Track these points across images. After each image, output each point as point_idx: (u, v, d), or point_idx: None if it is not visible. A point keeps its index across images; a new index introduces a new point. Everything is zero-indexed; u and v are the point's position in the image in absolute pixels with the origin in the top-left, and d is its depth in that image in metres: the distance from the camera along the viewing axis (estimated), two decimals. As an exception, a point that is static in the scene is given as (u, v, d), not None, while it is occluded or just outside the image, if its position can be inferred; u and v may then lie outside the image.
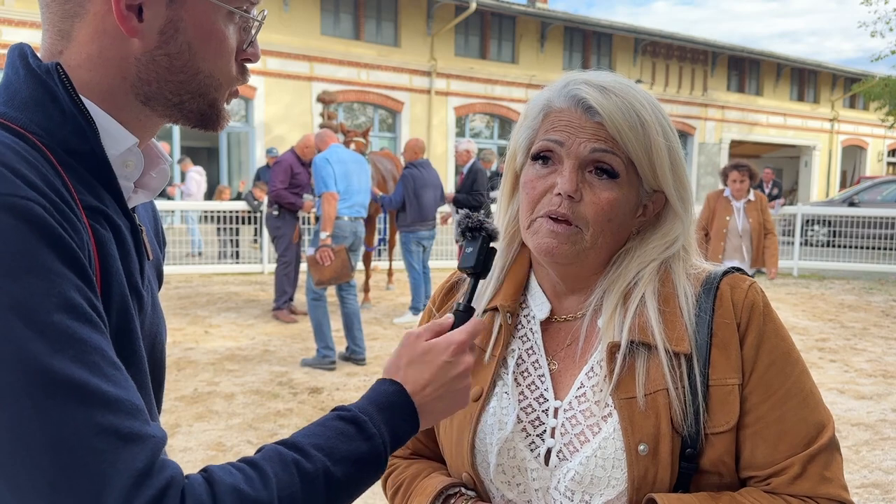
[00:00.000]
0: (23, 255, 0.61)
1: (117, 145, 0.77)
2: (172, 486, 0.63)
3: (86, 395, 0.61)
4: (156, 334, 0.86)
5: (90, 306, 0.66)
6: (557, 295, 1.07)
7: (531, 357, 1.05)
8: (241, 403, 4.90)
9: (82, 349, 0.62)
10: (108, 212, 0.75)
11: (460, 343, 0.87)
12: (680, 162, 1.02)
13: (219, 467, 0.69)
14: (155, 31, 0.76)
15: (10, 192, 0.62)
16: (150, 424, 0.65)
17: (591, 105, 0.96)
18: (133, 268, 0.78)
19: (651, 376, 0.94)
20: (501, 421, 1.01)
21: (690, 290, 0.99)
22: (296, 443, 0.74)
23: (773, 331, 0.97)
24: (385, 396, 0.83)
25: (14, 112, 0.72)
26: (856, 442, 4.45)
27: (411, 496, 1.08)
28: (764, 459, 0.94)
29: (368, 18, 19.96)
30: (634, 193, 1.00)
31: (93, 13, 0.74)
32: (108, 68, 0.76)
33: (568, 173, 0.97)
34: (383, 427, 0.80)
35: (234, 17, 0.80)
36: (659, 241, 1.03)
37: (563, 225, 0.97)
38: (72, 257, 0.65)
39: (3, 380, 0.59)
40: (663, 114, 1.01)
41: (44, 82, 0.73)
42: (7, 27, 15.42)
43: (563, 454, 0.97)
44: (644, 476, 0.92)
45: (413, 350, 0.87)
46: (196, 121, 0.82)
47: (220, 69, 0.80)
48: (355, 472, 0.76)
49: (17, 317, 0.60)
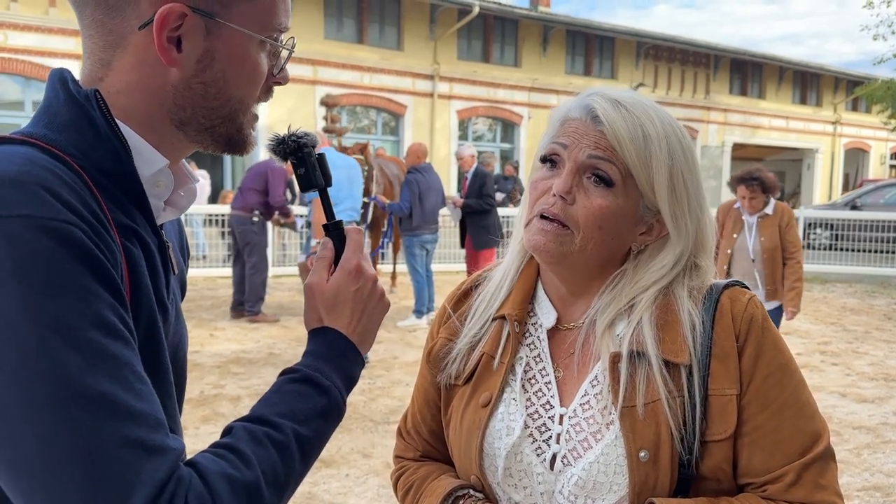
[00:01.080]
0: (61, 276, 0.65)
1: (150, 166, 0.81)
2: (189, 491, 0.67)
3: (116, 408, 0.65)
4: (178, 343, 0.90)
5: (122, 323, 0.69)
6: (563, 302, 1.11)
7: (538, 364, 1.09)
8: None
9: (114, 365, 0.66)
10: (139, 229, 0.79)
11: (356, 267, 0.91)
12: (684, 182, 1.03)
13: (202, 457, 0.73)
14: (192, 61, 0.80)
15: (51, 216, 0.66)
16: (170, 437, 0.69)
17: (598, 115, 1.01)
18: (160, 282, 0.82)
19: (651, 386, 0.98)
20: (509, 426, 1.05)
21: (691, 303, 1.03)
22: (261, 416, 0.79)
23: (771, 343, 1.00)
24: (325, 347, 0.88)
25: (53, 134, 0.76)
26: (857, 445, 4.47)
27: (422, 497, 1.12)
28: (761, 467, 0.98)
29: (371, 22, 20.01)
30: (632, 206, 1.03)
31: (134, 44, 0.78)
32: (146, 95, 0.80)
33: (564, 175, 1.01)
34: (333, 375, 0.85)
35: (265, 45, 0.84)
36: (656, 264, 1.05)
37: (553, 224, 1.01)
38: (106, 277, 0.69)
39: (40, 392, 0.63)
40: (678, 136, 1.03)
41: (82, 107, 0.77)
42: (13, 31, 15.50)
43: (568, 460, 1.01)
44: (645, 482, 0.96)
45: (324, 297, 0.90)
46: (224, 145, 0.86)
47: (251, 94, 0.85)
48: (321, 426, 0.82)
49: (55, 334, 0.64)
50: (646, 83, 24.80)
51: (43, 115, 0.78)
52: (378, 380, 5.66)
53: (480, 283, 1.19)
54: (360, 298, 0.91)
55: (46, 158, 0.71)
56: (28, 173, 0.68)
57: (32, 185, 0.67)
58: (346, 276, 0.91)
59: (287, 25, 0.86)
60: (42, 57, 15.83)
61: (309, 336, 0.90)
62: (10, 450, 0.63)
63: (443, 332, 1.18)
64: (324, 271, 0.92)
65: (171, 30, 0.77)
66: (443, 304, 1.23)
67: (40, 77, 15.97)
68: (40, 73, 15.93)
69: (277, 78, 0.88)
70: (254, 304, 7.80)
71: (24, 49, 15.66)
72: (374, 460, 4.11)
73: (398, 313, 8.33)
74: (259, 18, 0.82)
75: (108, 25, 0.79)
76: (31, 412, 0.63)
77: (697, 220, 1.06)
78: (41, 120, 0.78)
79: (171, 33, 0.78)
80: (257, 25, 0.82)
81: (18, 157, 0.70)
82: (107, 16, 0.78)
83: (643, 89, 24.69)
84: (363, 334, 0.91)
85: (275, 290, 9.85)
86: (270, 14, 0.83)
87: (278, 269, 11.39)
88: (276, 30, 0.85)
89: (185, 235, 1.04)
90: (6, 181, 0.66)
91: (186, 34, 0.78)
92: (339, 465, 4.03)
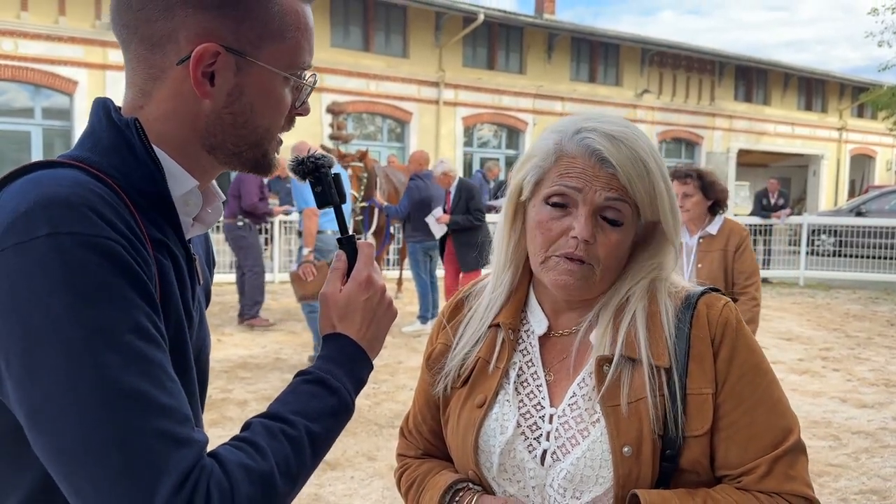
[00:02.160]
0: (104, 287, 0.74)
1: (181, 187, 0.90)
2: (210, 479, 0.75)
3: (149, 404, 0.73)
4: (202, 347, 0.99)
5: (155, 329, 0.78)
6: (555, 312, 1.19)
7: (530, 369, 1.17)
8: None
9: (148, 365, 0.75)
10: (169, 244, 0.88)
11: (367, 278, 1.00)
12: (675, 198, 1.14)
13: (223, 448, 0.81)
14: (224, 94, 0.88)
15: (96, 234, 0.75)
16: (195, 431, 0.78)
17: (606, 157, 1.07)
18: (187, 292, 0.91)
19: (634, 386, 1.06)
20: (503, 425, 1.13)
21: (672, 309, 1.11)
22: (277, 413, 0.87)
23: (744, 346, 1.09)
24: (336, 351, 0.96)
25: (96, 157, 0.85)
26: (856, 449, 4.52)
27: (424, 490, 1.20)
28: (736, 460, 1.06)
29: (377, 30, 20.15)
30: (634, 228, 1.12)
31: (172, 77, 0.87)
32: (181, 123, 0.89)
33: (584, 219, 1.08)
34: (344, 378, 0.94)
35: (289, 81, 0.93)
36: (647, 261, 1.15)
37: (577, 263, 1.09)
38: (142, 288, 0.78)
39: (83, 388, 0.71)
40: (660, 158, 1.13)
41: (122, 133, 0.86)
42: (23, 40, 15.67)
43: (557, 455, 1.09)
44: (628, 475, 1.04)
45: (336, 305, 1.00)
46: (251, 167, 0.95)
47: (275, 124, 0.94)
48: (331, 424, 0.90)
49: (97, 337, 0.72)
50: (651, 90, 24.86)
51: (87, 140, 0.87)
52: (383, 384, 5.74)
53: (475, 293, 1.28)
54: (369, 307, 1.00)
55: (91, 180, 0.80)
56: (76, 195, 0.76)
57: (81, 206, 0.75)
58: (357, 287, 1.00)
59: (309, 63, 0.95)
60: (52, 65, 16.01)
61: (323, 341, 0.99)
62: (57, 438, 0.72)
63: (441, 339, 1.27)
64: (337, 281, 1.02)
65: (206, 66, 0.86)
66: (440, 312, 1.31)
67: (50, 85, 16.15)
68: (50, 80, 16.10)
69: (299, 110, 0.97)
70: (251, 307, 7.90)
71: (34, 57, 15.83)
72: (378, 463, 4.18)
73: (403, 319, 8.41)
74: (285, 58, 0.91)
75: (150, 60, 0.87)
76: (76, 405, 0.71)
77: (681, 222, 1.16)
78: (85, 144, 0.87)
79: (206, 69, 0.86)
80: (283, 64, 0.91)
81: (68, 180, 0.78)
82: (149, 51, 0.87)
83: (648, 96, 24.77)
84: (372, 340, 1.00)
85: (281, 295, 9.95)
86: (295, 54, 0.92)
87: (284, 275, 11.49)
88: (300, 67, 0.94)
89: (211, 248, 1.13)
90: (58, 202, 0.75)
91: (219, 70, 0.87)
92: (345, 468, 4.10)
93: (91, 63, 16.42)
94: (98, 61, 16.45)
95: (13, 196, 0.77)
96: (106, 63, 16.53)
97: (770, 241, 12.77)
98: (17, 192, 0.77)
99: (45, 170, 0.81)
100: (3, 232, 0.74)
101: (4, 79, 15.70)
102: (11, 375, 0.73)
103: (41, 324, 0.72)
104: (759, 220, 12.52)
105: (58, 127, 16.59)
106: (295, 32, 0.91)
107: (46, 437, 0.72)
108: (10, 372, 0.73)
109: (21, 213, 0.74)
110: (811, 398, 5.63)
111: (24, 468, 0.80)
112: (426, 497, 1.19)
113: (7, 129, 16.02)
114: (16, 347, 0.72)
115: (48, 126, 16.49)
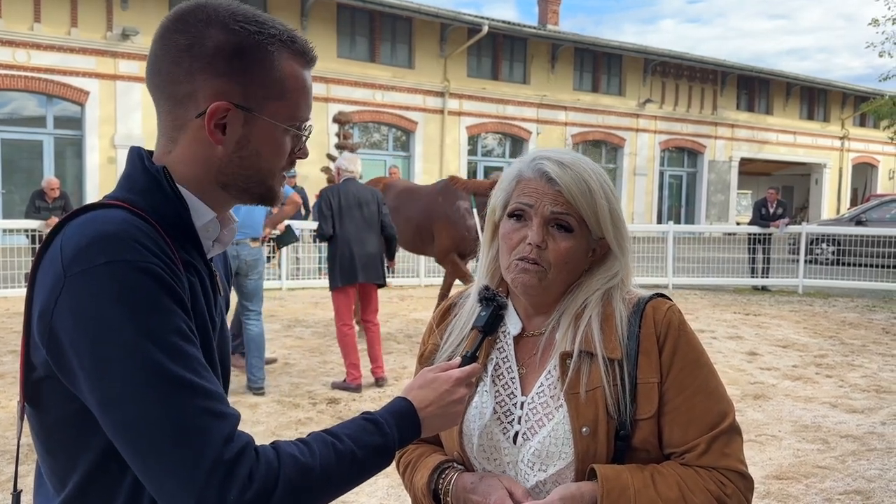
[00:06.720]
0: (150, 300, 0.94)
1: (201, 218, 1.10)
2: (248, 447, 0.96)
3: (192, 388, 0.94)
4: (223, 347, 1.20)
5: (189, 331, 0.99)
6: (528, 316, 1.39)
7: (506, 364, 1.37)
8: (264, 413, 5.21)
9: (188, 359, 0.95)
10: (195, 263, 1.08)
11: (458, 378, 1.21)
12: (619, 216, 1.34)
13: (283, 441, 1.01)
14: (233, 142, 1.08)
15: (141, 259, 0.95)
16: (230, 407, 0.98)
17: (553, 178, 1.29)
18: (210, 302, 1.12)
19: (591, 377, 1.26)
20: (482, 412, 1.33)
21: (624, 311, 1.31)
22: (333, 431, 1.07)
23: (685, 342, 1.28)
24: (398, 408, 1.16)
25: (134, 197, 1.05)
26: (843, 453, 4.60)
27: (417, 470, 1.40)
28: (678, 439, 1.24)
29: (383, 41, 20.41)
30: (585, 241, 1.32)
31: (191, 128, 1.07)
32: (199, 165, 1.09)
33: (536, 228, 1.29)
34: (395, 429, 1.12)
35: (289, 131, 1.12)
36: (602, 274, 1.35)
37: (532, 264, 1.30)
38: (179, 299, 0.98)
39: (140, 378, 0.92)
40: (606, 181, 1.34)
41: (154, 177, 1.06)
42: (35, 51, 15.96)
43: (527, 435, 1.29)
44: (587, 451, 1.23)
45: (424, 379, 1.21)
46: (258, 200, 1.15)
47: (277, 166, 1.13)
48: (372, 457, 1.09)
49: (148, 339, 0.93)
50: (653, 99, 25.03)
51: (125, 182, 1.08)
52: (388, 388, 5.91)
53: (461, 300, 1.48)
54: (444, 397, 1.19)
55: (133, 217, 1.00)
56: (124, 230, 0.97)
57: (128, 239, 0.96)
58: (446, 377, 1.20)
59: (307, 116, 1.15)
60: (63, 76, 16.30)
61: (395, 399, 1.19)
62: (121, 415, 0.92)
63: (432, 340, 1.47)
64: (440, 368, 1.23)
65: (219, 119, 1.06)
66: (432, 317, 1.52)
67: (62, 95, 16.43)
68: (62, 90, 16.38)
69: (298, 154, 1.16)
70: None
71: (47, 68, 16.12)
72: (382, 463, 4.33)
73: (407, 325, 8.59)
74: (285, 113, 1.10)
75: (175, 113, 1.08)
76: (134, 392, 0.91)
77: (629, 241, 1.37)
78: (125, 185, 1.07)
79: (219, 121, 1.06)
80: (283, 117, 1.10)
81: (118, 219, 0.98)
82: (175, 107, 1.08)
83: (651, 105, 24.92)
84: (429, 419, 1.18)
85: (289, 302, 10.15)
86: (294, 110, 1.11)
87: (292, 282, 11.70)
88: (298, 120, 1.13)
89: (229, 263, 1.34)
90: (111, 236, 0.96)
91: (229, 122, 1.07)
92: (350, 467, 4.26)
93: (102, 73, 16.71)
94: (109, 72, 16.74)
95: (75, 232, 0.97)
96: (117, 73, 16.82)
97: (769, 249, 12.90)
98: (78, 230, 0.98)
99: (98, 210, 1.01)
100: (70, 261, 0.94)
101: (17, 88, 15.99)
102: (84, 370, 0.93)
103: (105, 330, 0.92)
104: (757, 230, 12.69)
105: (69, 136, 16.87)
106: (294, 93, 1.10)
107: (114, 416, 0.92)
108: (82, 368, 0.93)
109: (83, 247, 0.94)
110: (803, 403, 5.74)
111: (86, 449, 1.00)
112: (418, 476, 1.38)
113: (20, 138, 16.31)
114: (86, 349, 0.92)
115: (59, 135, 16.78)
